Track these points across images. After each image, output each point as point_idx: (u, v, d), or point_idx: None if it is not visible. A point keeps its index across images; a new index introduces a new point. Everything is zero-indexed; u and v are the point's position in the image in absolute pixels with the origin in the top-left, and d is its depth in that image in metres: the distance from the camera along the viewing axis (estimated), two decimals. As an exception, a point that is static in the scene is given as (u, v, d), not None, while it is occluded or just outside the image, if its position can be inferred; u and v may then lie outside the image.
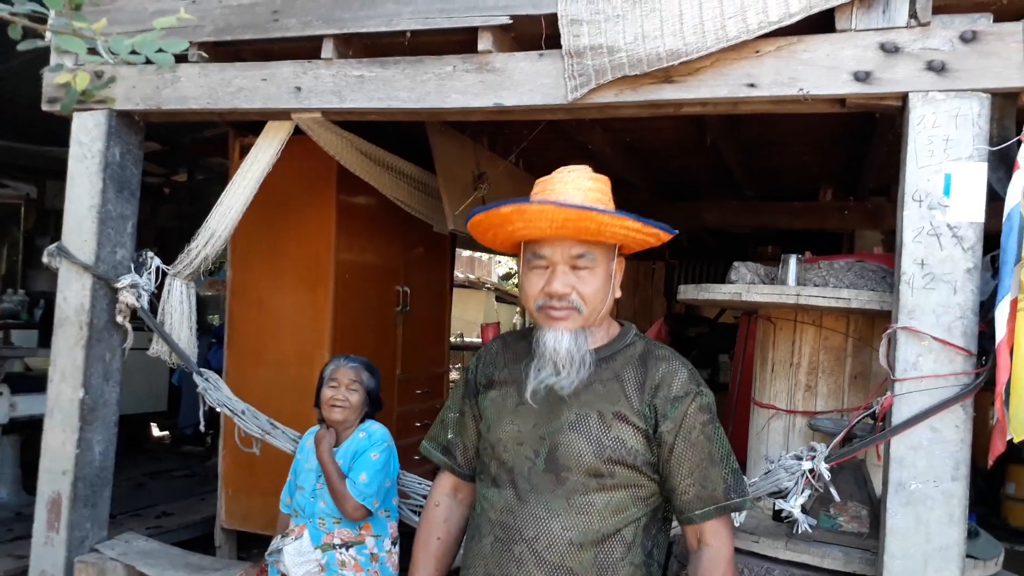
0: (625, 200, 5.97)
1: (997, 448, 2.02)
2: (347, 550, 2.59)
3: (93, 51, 1.44)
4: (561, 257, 1.52)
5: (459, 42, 2.69)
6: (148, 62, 1.48)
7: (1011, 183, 2.06)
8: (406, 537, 2.85)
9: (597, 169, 1.63)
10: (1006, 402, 1.98)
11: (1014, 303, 1.99)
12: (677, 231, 1.58)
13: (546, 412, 1.56)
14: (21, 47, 1.46)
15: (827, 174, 5.01)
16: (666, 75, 2.41)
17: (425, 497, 2.90)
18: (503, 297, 14.92)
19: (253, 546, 4.23)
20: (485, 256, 16.02)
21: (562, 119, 2.81)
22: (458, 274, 11.30)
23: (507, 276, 17.00)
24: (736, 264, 2.71)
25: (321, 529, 2.60)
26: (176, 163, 6.64)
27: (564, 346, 1.51)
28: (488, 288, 14.97)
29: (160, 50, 1.48)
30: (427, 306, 4.73)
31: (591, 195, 1.53)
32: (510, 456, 1.57)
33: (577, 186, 1.54)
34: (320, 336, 3.82)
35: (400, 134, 3.50)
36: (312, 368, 3.59)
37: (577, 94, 2.48)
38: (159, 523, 4.21)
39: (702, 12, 2.35)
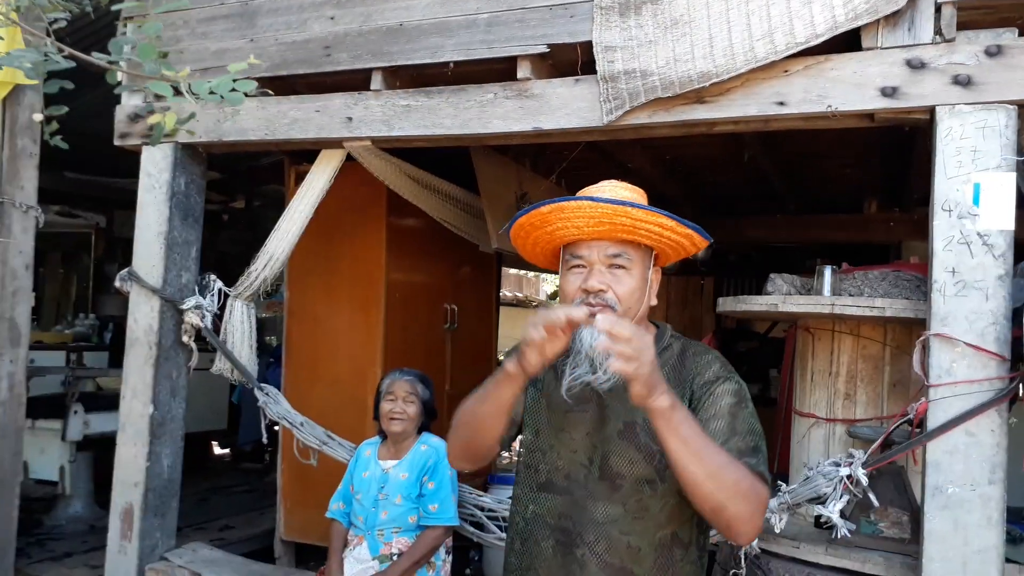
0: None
1: (1033, 452, 2.05)
2: (401, 557, 2.69)
3: (178, 92, 1.61)
4: (598, 257, 1.55)
5: (499, 71, 2.83)
6: (222, 99, 1.64)
7: (1039, 191, 2.11)
8: (459, 551, 2.98)
9: (638, 186, 1.70)
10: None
11: (1044, 309, 2.02)
12: (711, 238, 1.62)
13: (596, 420, 1.58)
14: (118, 91, 1.63)
15: (871, 186, 5.01)
16: (698, 96, 2.51)
17: (478, 508, 3.02)
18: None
19: (311, 557, 4.39)
20: (532, 274, 16.18)
21: (600, 140, 2.92)
22: (506, 293, 11.44)
23: (555, 295, 17.12)
24: (772, 276, 2.77)
25: (380, 540, 2.71)
26: (234, 190, 6.94)
27: (602, 342, 1.51)
28: (536, 306, 15.10)
29: (233, 90, 1.63)
30: (474, 324, 4.87)
31: (628, 199, 1.57)
32: (565, 463, 1.60)
33: (615, 192, 1.60)
34: (372, 354, 3.98)
35: (446, 158, 3.65)
36: (365, 385, 3.75)
37: (612, 116, 2.60)
38: (222, 535, 4.40)
39: (731, 35, 2.44)
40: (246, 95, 3.15)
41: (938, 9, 2.27)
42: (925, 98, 2.27)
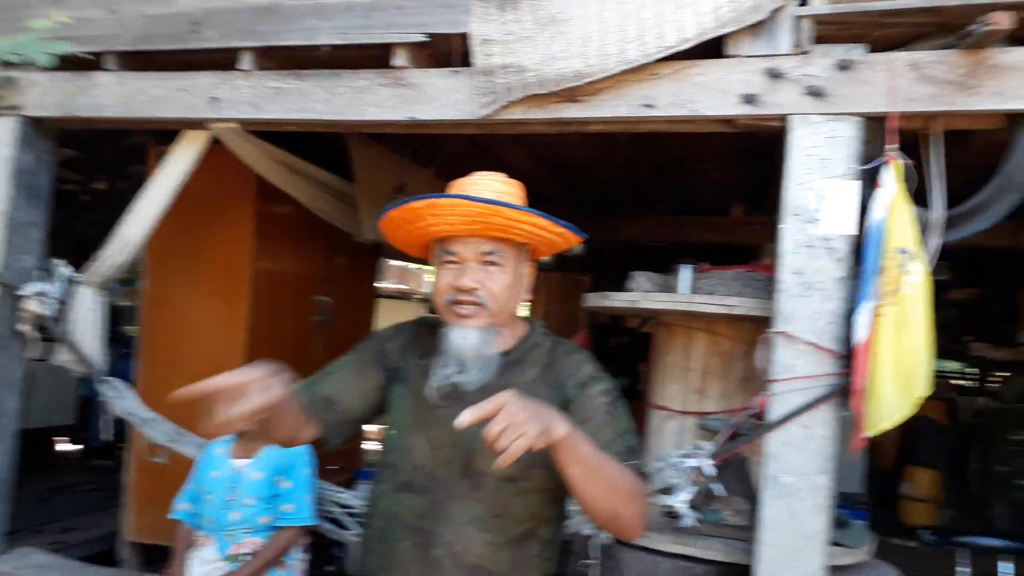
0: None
1: (857, 443, 2.20)
2: (254, 559, 2.61)
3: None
4: (471, 254, 1.56)
5: (377, 57, 2.78)
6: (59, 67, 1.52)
7: (874, 199, 2.27)
8: (321, 548, 2.91)
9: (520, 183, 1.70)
10: (865, 402, 2.16)
11: (874, 310, 2.18)
12: (586, 235, 1.65)
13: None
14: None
15: (737, 190, 5.26)
16: (571, 95, 2.55)
17: (338, 505, 2.97)
18: (435, 308, 14.89)
19: (160, 559, 4.16)
20: (415, 266, 16.03)
21: (476, 133, 2.93)
22: (388, 285, 11.27)
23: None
24: (634, 274, 2.87)
25: (229, 540, 2.61)
26: (96, 170, 6.49)
27: (471, 343, 1.53)
28: (418, 299, 14.98)
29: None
30: (350, 316, 4.77)
31: (505, 197, 1.58)
32: (428, 462, 1.58)
33: (489, 187, 1.60)
34: (235, 346, 3.82)
35: (323, 145, 3.56)
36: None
37: (487, 110, 2.60)
38: (62, 538, 4.07)
39: (605, 36, 2.50)
40: (98, 67, 2.99)
41: (797, 22, 2.40)
42: (781, 107, 2.40)
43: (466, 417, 1.23)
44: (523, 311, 1.69)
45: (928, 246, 2.31)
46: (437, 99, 2.69)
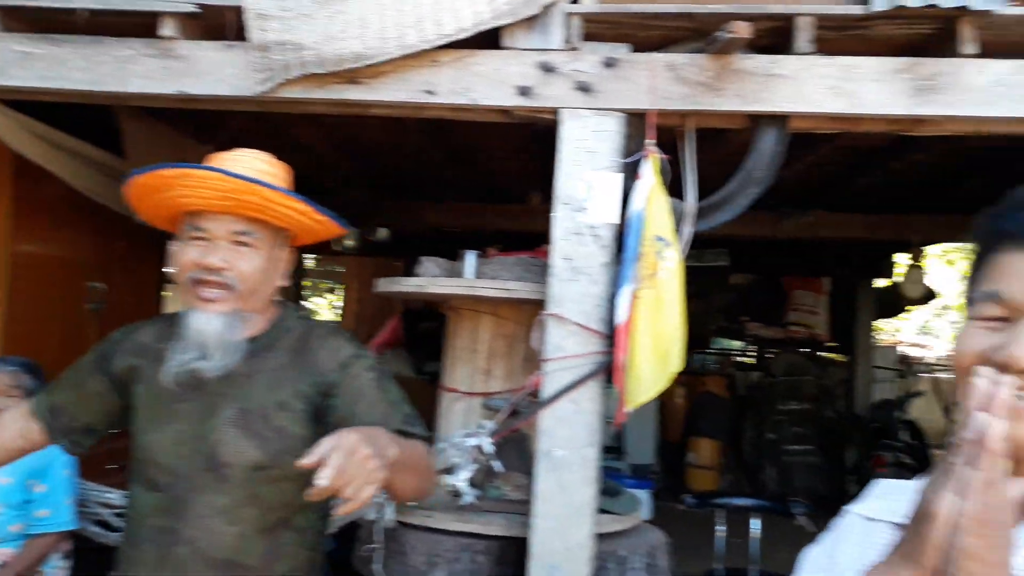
0: (344, 196, 5.95)
1: (620, 416, 2.37)
2: (3, 570, 2.40)
3: None
4: (222, 232, 1.48)
5: (145, 25, 2.59)
6: None
7: (635, 190, 2.44)
8: (99, 552, 2.71)
9: (313, 165, 1.66)
10: (625, 377, 2.33)
11: (633, 294, 2.35)
12: (349, 227, 1.63)
13: (205, 409, 1.50)
14: None
15: (534, 180, 5.45)
16: (351, 76, 2.52)
17: (104, 505, 2.77)
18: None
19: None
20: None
21: (255, 110, 2.82)
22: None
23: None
24: (421, 258, 2.90)
25: None
26: None
27: (214, 328, 1.46)
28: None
29: None
30: (131, 304, 4.43)
31: (264, 176, 1.51)
32: (169, 458, 1.50)
33: (250, 165, 1.52)
34: (-9, 336, 3.46)
35: (97, 120, 3.28)
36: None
37: (264, 87, 2.52)
38: None
39: (383, 19, 2.49)
40: None
41: (567, 19, 2.51)
42: (552, 99, 2.51)
43: (308, 461, 1.12)
44: (279, 296, 1.65)
45: (682, 234, 2.51)
46: (210, 73, 2.56)
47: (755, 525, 3.34)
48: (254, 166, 1.54)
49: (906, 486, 0.91)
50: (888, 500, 0.90)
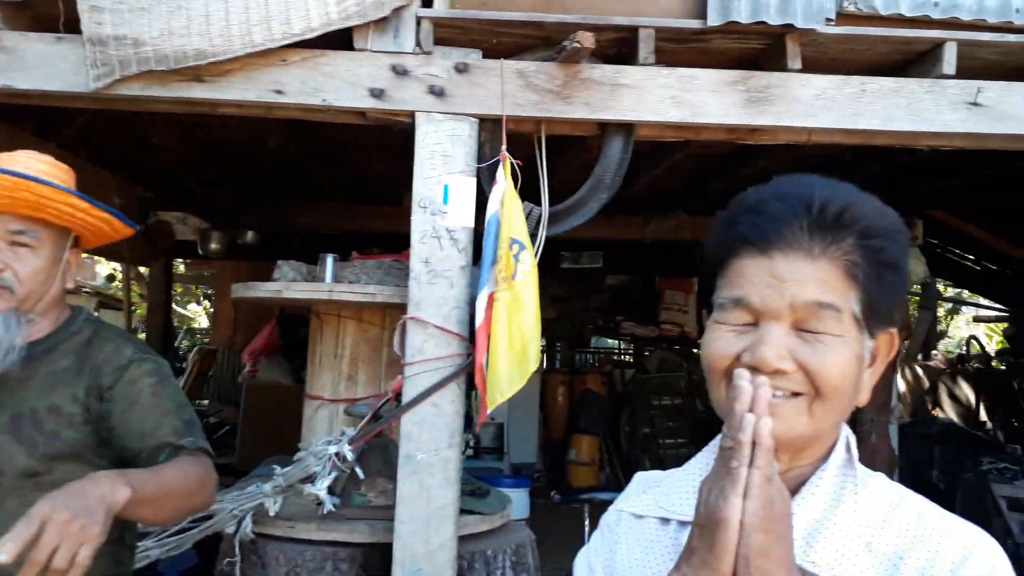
0: (208, 199, 5.70)
1: (483, 416, 2.39)
2: None
3: None
4: (2, 230, 1.46)
5: (-35, 15, 2.40)
6: None
7: (491, 195, 2.46)
8: None
9: (173, 165, 1.61)
10: (486, 378, 2.34)
11: (491, 296, 2.37)
12: (136, 226, 1.61)
13: None
14: None
15: (406, 182, 5.40)
16: (196, 74, 2.42)
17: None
18: (107, 303, 13.48)
19: None
20: (86, 256, 14.30)
21: (92, 107, 2.66)
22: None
23: (111, 277, 15.34)
24: (280, 263, 2.82)
25: None
26: None
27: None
28: (88, 292, 13.40)
29: None
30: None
31: (42, 176, 1.47)
32: None
33: (28, 164, 1.49)
34: None
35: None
36: None
37: (100, 84, 2.38)
38: None
39: (228, 16, 2.40)
40: None
41: (419, 23, 2.50)
42: (407, 103, 2.49)
43: (10, 549, 1.06)
44: (68, 298, 1.63)
45: (537, 237, 2.55)
46: (39, 67, 2.40)
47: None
48: (33, 166, 1.51)
49: (668, 477, 0.94)
50: (653, 494, 0.92)
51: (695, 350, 9.02)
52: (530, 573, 2.67)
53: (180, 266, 10.64)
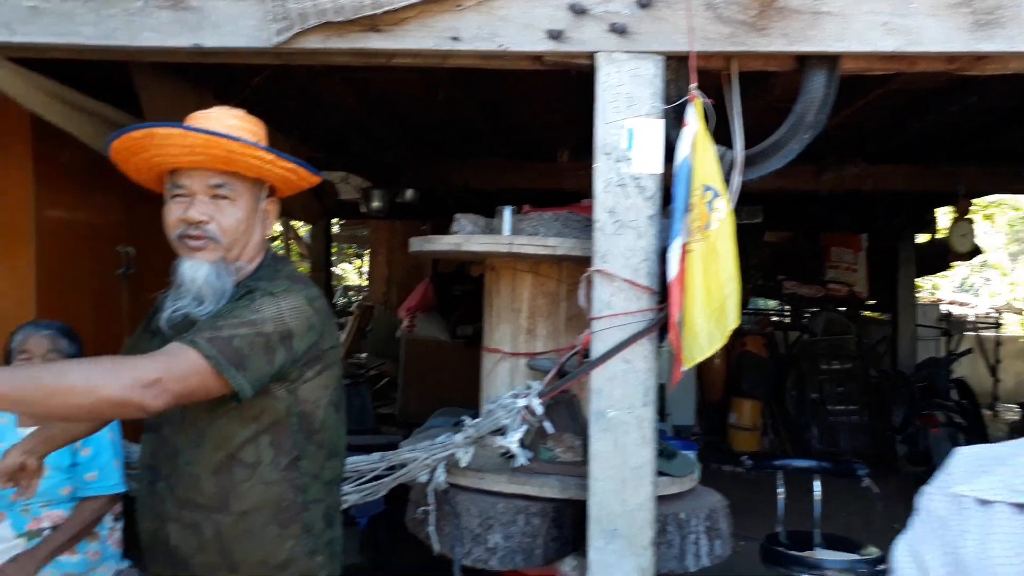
0: (375, 158, 5.80)
1: (677, 375, 2.24)
2: (57, 532, 2.37)
3: None
4: (200, 186, 1.54)
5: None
6: None
7: (680, 138, 2.27)
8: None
9: (342, 123, 1.65)
10: (681, 335, 2.19)
11: (684, 246, 2.20)
12: (321, 174, 1.67)
13: None
14: None
15: (566, 136, 5.27)
16: (372, 24, 2.37)
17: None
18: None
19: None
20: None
21: (275, 63, 2.68)
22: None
23: (272, 238, 16.26)
24: (457, 216, 2.77)
25: (25, 516, 2.37)
26: None
27: (202, 275, 1.52)
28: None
29: None
30: (160, 268, 4.35)
31: (234, 131, 1.55)
32: None
33: (220, 121, 1.58)
34: (24, 304, 3.42)
35: (122, 81, 3.18)
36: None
37: (281, 38, 2.38)
38: None
39: (405, -39, 2.33)
40: None
41: (595, -43, 2.33)
42: (586, 43, 2.34)
43: None
44: (269, 242, 1.72)
45: (731, 184, 2.35)
46: (225, 25, 2.42)
47: (816, 487, 3.22)
48: (225, 122, 1.59)
49: (1012, 455, 0.76)
50: (1000, 475, 0.75)
51: (864, 312, 8.42)
52: (724, 539, 2.53)
53: (334, 226, 11.06)
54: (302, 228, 12.78)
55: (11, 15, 2.43)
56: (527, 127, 5.13)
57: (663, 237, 2.29)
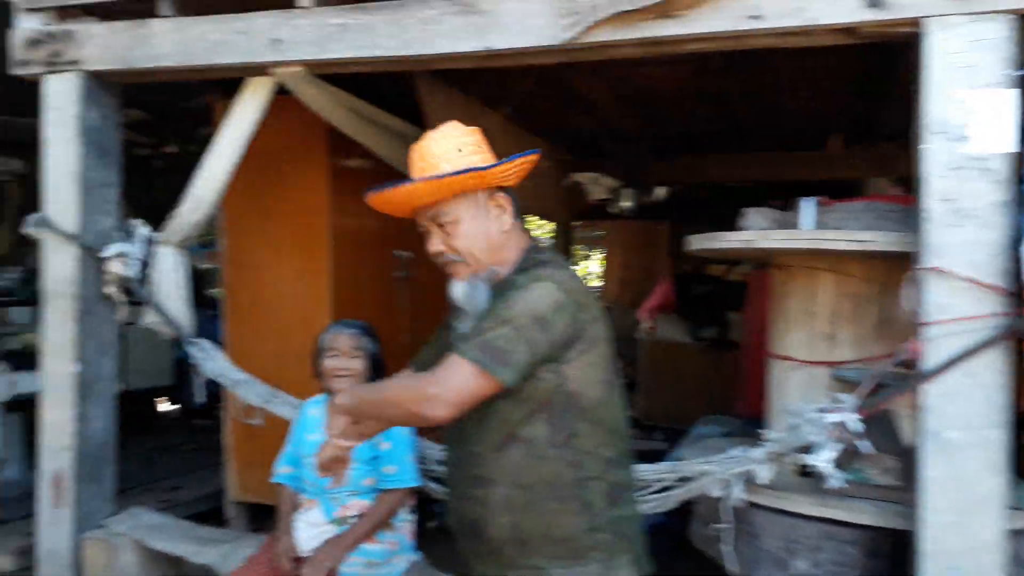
0: (623, 158, 5.69)
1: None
2: (361, 520, 2.50)
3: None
4: (428, 221, 1.68)
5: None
6: None
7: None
8: (421, 503, 2.81)
9: (594, 123, 1.58)
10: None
11: (1050, 237, 1.84)
12: (537, 150, 1.70)
13: None
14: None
15: (836, 121, 4.81)
16: (664, 10, 2.25)
17: (440, 463, 2.82)
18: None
19: (266, 518, 4.15)
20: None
21: (555, 63, 2.64)
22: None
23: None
24: (747, 210, 2.56)
25: (334, 503, 2.52)
26: (166, 134, 6.48)
27: (460, 293, 1.66)
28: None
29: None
30: (429, 272, 4.57)
31: (437, 159, 1.64)
32: None
33: (423, 159, 1.67)
34: (320, 303, 3.71)
35: (394, 94, 3.36)
36: (315, 335, 3.48)
37: (571, 33, 2.33)
38: (170, 497, 4.16)
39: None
40: (153, 14, 2.84)
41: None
42: (912, 8, 2.05)
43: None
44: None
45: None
46: (513, 25, 2.42)
47: None
48: (428, 154, 1.68)
49: None
50: None
51: None
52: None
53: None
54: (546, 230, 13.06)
55: (322, 33, 2.61)
56: (791, 114, 4.75)
57: (1017, 228, 1.93)
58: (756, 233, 2.42)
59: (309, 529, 2.52)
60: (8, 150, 6.09)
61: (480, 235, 1.66)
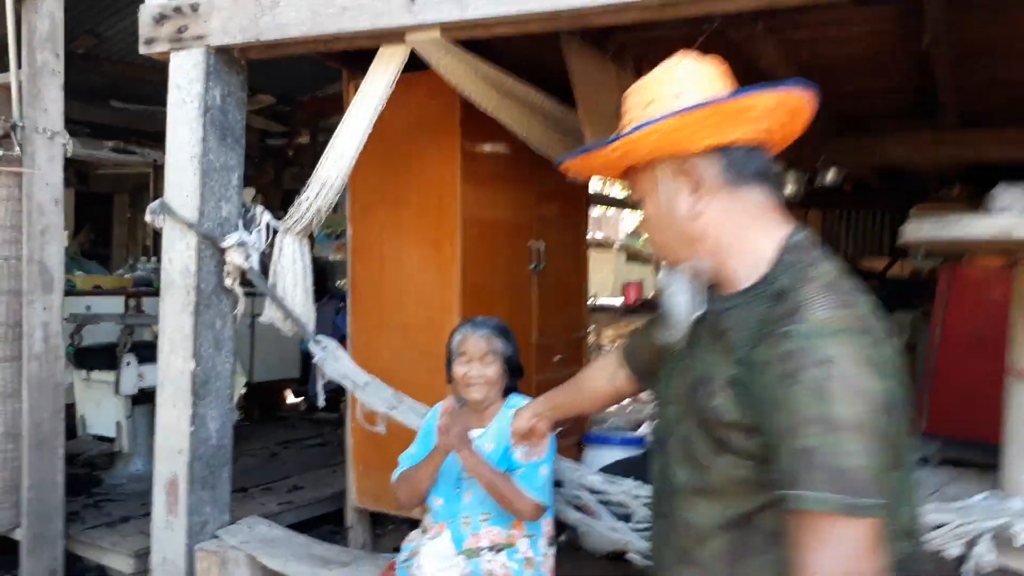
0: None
1: None
2: (496, 554, 2.16)
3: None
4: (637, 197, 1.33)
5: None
6: None
7: None
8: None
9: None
10: None
11: None
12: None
13: (668, 376, 1.41)
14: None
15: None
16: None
17: (589, 490, 2.44)
18: (633, 256, 14.14)
19: (387, 525, 3.93)
20: (611, 212, 15.23)
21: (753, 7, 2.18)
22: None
23: (636, 233, 16.07)
24: (997, 190, 1.99)
25: (465, 529, 2.20)
26: (297, 123, 6.43)
27: (662, 288, 1.31)
28: (616, 247, 14.23)
29: None
30: (563, 264, 4.22)
31: (652, 107, 1.20)
32: (661, 420, 1.45)
33: (635, 107, 1.25)
34: (448, 298, 3.41)
35: (531, 64, 2.98)
36: (441, 333, 3.15)
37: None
38: (290, 498, 4.01)
39: None
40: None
41: None
42: None
43: None
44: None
45: None
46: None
47: None
48: (638, 102, 1.25)
49: None
50: None
51: None
52: None
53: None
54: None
55: (462, -12, 2.27)
56: (992, 85, 4.04)
57: None
58: (1015, 220, 1.86)
59: (437, 561, 2.20)
60: (146, 139, 6.18)
61: (664, 220, 1.26)
